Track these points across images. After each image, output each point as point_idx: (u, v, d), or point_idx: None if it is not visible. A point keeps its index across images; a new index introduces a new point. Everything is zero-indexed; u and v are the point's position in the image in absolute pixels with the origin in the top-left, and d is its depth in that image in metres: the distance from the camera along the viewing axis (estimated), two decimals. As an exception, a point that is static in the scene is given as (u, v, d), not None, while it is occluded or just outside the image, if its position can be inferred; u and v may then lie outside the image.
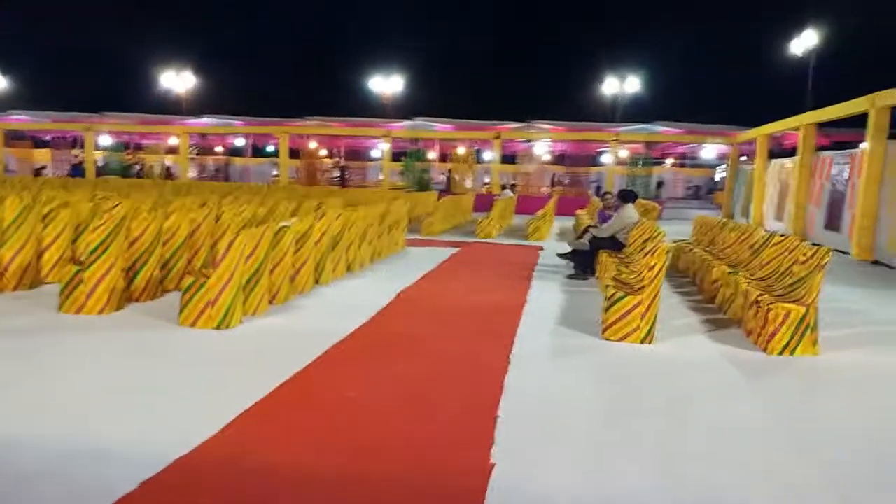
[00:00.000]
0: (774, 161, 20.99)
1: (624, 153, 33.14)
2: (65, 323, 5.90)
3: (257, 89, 55.05)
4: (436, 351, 5.55)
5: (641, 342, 5.98)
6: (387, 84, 29.58)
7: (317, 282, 8.04)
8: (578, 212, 20.39)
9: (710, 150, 35.90)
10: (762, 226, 20.77)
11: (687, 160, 44.43)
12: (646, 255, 7.01)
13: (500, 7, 71.96)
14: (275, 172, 35.73)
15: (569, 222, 20.86)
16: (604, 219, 10.51)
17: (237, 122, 31.49)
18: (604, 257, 8.72)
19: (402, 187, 27.98)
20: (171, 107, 34.27)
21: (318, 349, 5.32)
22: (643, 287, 6.17)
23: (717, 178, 43.40)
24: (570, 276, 9.38)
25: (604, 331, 6.09)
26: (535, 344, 5.88)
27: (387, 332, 6.15)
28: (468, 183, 30.85)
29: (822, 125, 17.63)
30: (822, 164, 16.35)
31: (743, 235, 8.73)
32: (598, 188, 36.56)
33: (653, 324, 6.01)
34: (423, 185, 27.27)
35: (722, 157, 37.93)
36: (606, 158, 37.85)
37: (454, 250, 12.51)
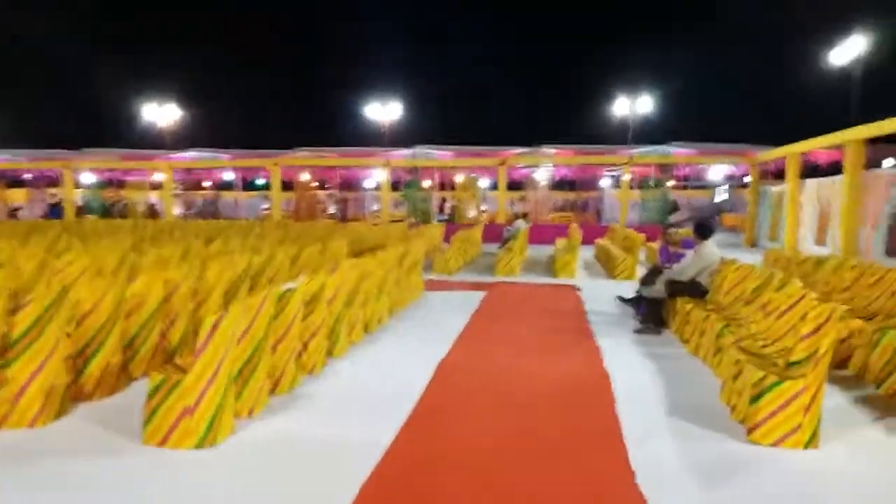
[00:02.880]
0: (809, 181, 19.43)
1: (627, 177, 31.50)
2: (-26, 448, 4.06)
3: (247, 120, 53.41)
4: (521, 479, 3.74)
5: (805, 447, 4.19)
6: (384, 111, 27.91)
7: (330, 354, 6.24)
8: (599, 241, 18.66)
9: (717, 171, 34.32)
10: (797, 251, 19.15)
11: (691, 181, 42.91)
12: (776, 314, 5.28)
13: (502, 28, 71.13)
14: (265, 206, 33.83)
15: (588, 253, 19.15)
16: (668, 257, 8.78)
17: (225, 156, 29.72)
18: (689, 307, 6.96)
19: (402, 218, 26.24)
20: (155, 141, 32.52)
21: (344, 487, 3.52)
22: (796, 364, 4.42)
23: (717, 199, 41.77)
24: (639, 331, 7.60)
25: (750, 430, 4.30)
26: (659, 453, 4.08)
27: (439, 444, 4.30)
28: (471, 213, 29.19)
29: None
30: (877, 182, 14.76)
31: (865, 276, 6.95)
32: (599, 212, 35.01)
33: (819, 420, 4.24)
34: (426, 217, 25.51)
35: (729, 178, 36.45)
36: (605, 182, 36.30)
37: (480, 294, 10.73)
